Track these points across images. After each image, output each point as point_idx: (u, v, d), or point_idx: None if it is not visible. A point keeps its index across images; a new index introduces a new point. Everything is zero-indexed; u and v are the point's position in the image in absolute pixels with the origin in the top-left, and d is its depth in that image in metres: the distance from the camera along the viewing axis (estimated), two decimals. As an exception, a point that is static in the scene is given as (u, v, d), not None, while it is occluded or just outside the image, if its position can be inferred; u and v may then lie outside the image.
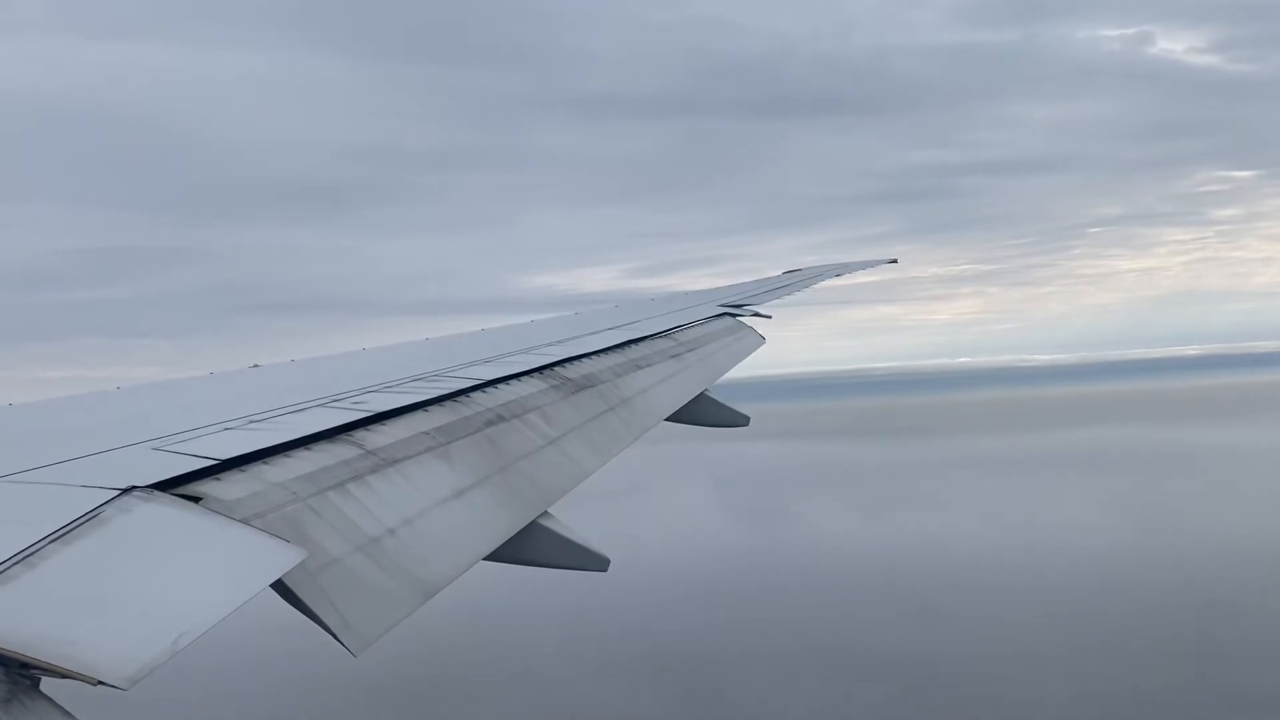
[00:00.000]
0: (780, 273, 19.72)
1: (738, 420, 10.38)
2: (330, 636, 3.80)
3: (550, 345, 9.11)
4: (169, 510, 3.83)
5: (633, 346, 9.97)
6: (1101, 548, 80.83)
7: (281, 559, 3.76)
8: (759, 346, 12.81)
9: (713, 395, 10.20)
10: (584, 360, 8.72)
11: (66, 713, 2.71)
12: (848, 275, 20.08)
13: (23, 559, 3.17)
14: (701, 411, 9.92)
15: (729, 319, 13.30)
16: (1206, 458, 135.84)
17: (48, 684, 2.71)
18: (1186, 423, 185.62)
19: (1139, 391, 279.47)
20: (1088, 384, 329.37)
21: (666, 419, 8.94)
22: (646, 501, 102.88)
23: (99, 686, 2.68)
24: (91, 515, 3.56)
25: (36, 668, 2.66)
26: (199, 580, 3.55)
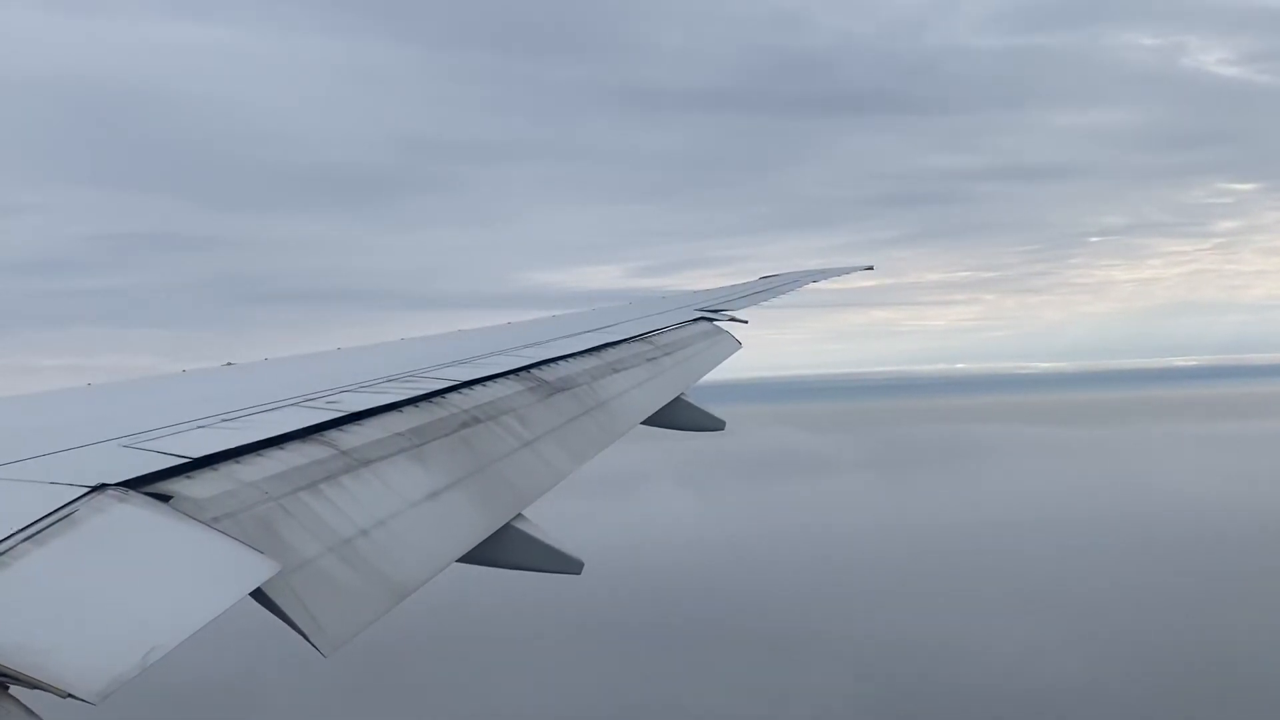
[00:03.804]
0: (757, 278, 19.76)
1: (714, 424, 10.36)
2: (301, 637, 3.78)
3: (527, 347, 9.08)
4: (140, 511, 3.78)
5: (609, 350, 9.96)
6: (1088, 545, 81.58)
7: (256, 571, 3.72)
8: (735, 351, 12.82)
9: (689, 399, 10.20)
10: (560, 363, 8.70)
11: (34, 715, 2.67)
12: (826, 281, 20.15)
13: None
14: (678, 415, 9.90)
15: (706, 323, 13.31)
16: (1201, 460, 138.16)
17: (15, 688, 2.67)
18: (1184, 429, 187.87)
19: (1136, 400, 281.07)
20: (1086, 392, 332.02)
21: (642, 422, 8.92)
22: (622, 505, 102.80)
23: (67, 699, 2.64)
24: (61, 514, 3.51)
25: (5, 675, 2.62)
26: (172, 590, 3.51)
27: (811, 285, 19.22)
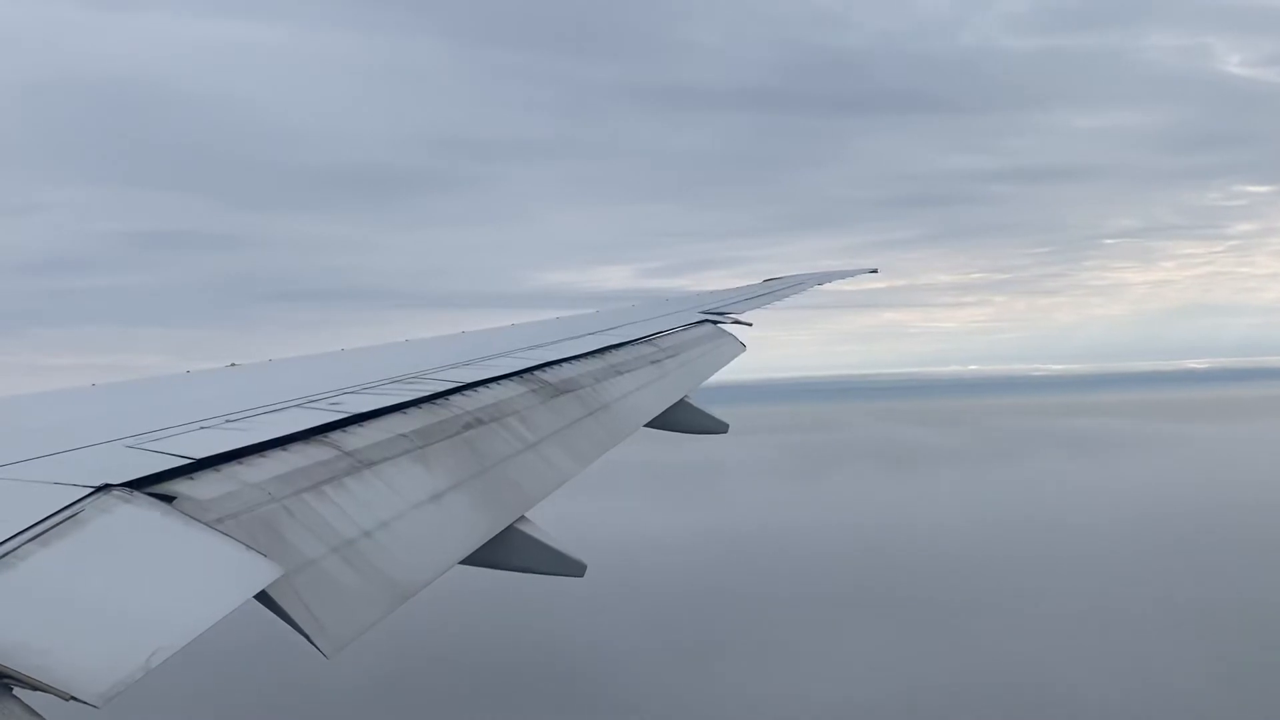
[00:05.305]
0: (760, 281, 19.76)
1: (717, 427, 10.35)
2: (303, 638, 3.78)
3: (531, 349, 9.08)
4: (144, 512, 3.79)
5: (613, 352, 9.95)
6: (1095, 549, 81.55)
7: (259, 574, 3.73)
8: (740, 354, 12.82)
9: (692, 401, 10.19)
10: (564, 365, 8.70)
11: (38, 716, 2.67)
12: (830, 284, 20.15)
13: (-1, 558, 3.14)
14: (681, 418, 9.90)
15: (710, 326, 13.30)
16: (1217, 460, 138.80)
17: (18, 689, 2.68)
18: (1198, 431, 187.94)
19: (1149, 402, 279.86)
20: (1099, 394, 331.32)
21: (646, 425, 8.92)
22: (625, 507, 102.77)
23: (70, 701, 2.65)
24: (66, 514, 3.52)
25: (8, 676, 2.62)
26: (175, 592, 3.51)
27: (817, 287, 19.22)
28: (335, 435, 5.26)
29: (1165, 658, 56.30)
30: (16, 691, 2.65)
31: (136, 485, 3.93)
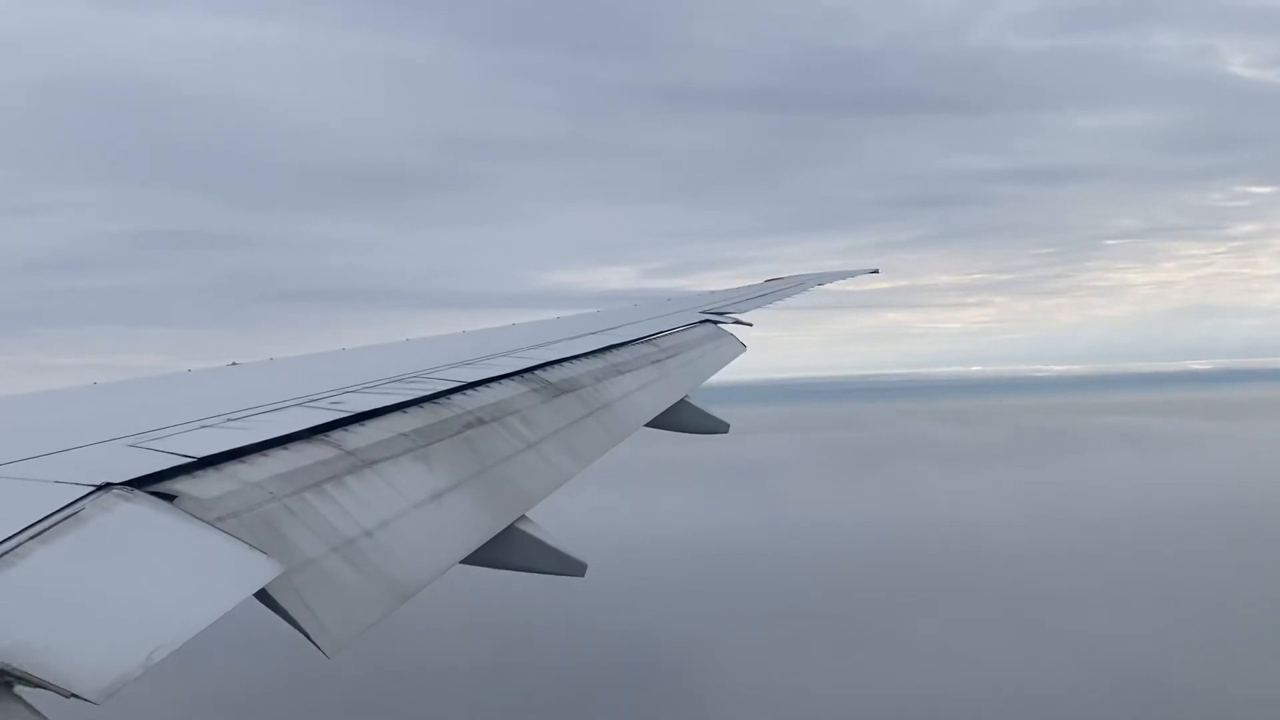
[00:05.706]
0: (762, 281, 19.77)
1: (718, 427, 10.36)
2: (304, 637, 3.79)
3: (532, 348, 9.09)
4: (145, 510, 3.80)
5: (614, 351, 9.96)
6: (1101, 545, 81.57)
7: (259, 572, 3.74)
8: (740, 354, 12.83)
9: (693, 402, 10.20)
10: (565, 364, 8.71)
11: (38, 714, 2.68)
12: (831, 284, 20.15)
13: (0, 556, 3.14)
14: (682, 418, 9.91)
15: (710, 326, 13.31)
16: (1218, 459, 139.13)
17: (20, 686, 2.69)
18: (1200, 432, 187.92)
19: (1151, 403, 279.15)
20: (1101, 395, 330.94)
21: (646, 425, 8.93)
22: (625, 507, 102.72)
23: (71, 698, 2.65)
24: (67, 513, 3.53)
25: (9, 674, 2.63)
26: (176, 590, 3.52)
27: (819, 287, 19.23)
28: (336, 434, 5.27)
29: (1163, 657, 56.34)
30: (18, 689, 2.65)
31: (138, 484, 3.94)
